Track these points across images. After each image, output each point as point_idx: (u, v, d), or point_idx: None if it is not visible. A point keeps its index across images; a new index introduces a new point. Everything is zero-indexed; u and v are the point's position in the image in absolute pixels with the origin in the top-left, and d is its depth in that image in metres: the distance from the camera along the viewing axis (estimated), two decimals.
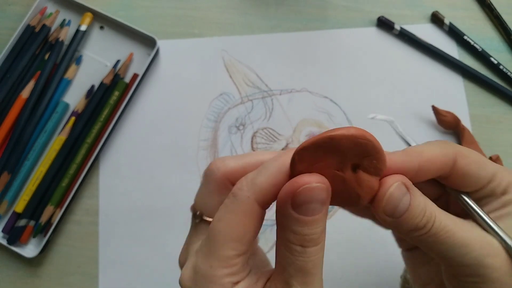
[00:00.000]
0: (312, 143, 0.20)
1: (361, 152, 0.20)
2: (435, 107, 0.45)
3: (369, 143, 0.20)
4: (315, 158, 0.20)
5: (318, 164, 0.20)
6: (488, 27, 0.49)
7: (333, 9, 0.49)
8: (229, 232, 0.21)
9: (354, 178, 0.20)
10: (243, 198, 0.21)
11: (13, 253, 0.43)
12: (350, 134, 0.20)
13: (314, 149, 0.20)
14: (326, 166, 0.20)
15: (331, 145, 0.20)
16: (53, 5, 0.48)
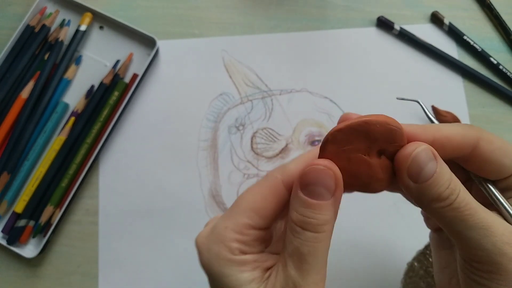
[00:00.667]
0: (347, 126, 0.21)
1: (389, 138, 0.21)
2: (435, 107, 0.45)
3: (398, 130, 0.21)
4: (346, 141, 0.21)
5: (348, 147, 0.21)
6: (488, 27, 0.49)
7: (333, 9, 0.49)
8: (250, 201, 0.23)
9: (378, 163, 0.21)
10: (272, 177, 0.23)
11: (12, 253, 0.43)
12: (383, 120, 0.21)
13: (348, 131, 0.21)
14: (354, 149, 0.21)
15: (365, 129, 0.21)
16: (53, 5, 0.48)
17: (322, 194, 0.21)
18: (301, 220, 0.21)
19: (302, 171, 0.21)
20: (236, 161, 0.45)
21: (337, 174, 0.21)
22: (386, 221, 0.44)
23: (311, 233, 0.21)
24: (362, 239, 0.43)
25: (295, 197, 0.21)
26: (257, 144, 0.46)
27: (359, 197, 0.44)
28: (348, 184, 0.22)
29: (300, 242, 0.21)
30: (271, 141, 0.46)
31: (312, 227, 0.21)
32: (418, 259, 0.39)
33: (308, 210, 0.21)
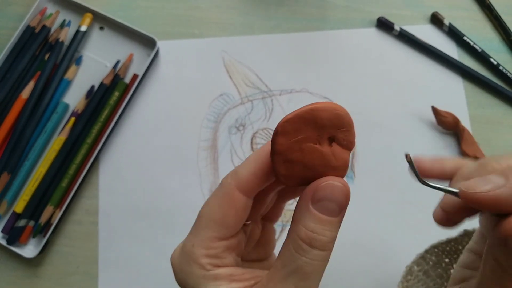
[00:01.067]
0: (295, 115, 0.21)
1: (337, 124, 0.21)
2: (435, 107, 0.45)
3: (345, 115, 0.21)
4: (296, 131, 0.21)
5: (299, 137, 0.21)
6: (488, 27, 0.49)
7: (333, 10, 0.49)
8: (210, 214, 0.23)
9: (330, 150, 0.21)
10: (226, 184, 0.23)
11: (12, 253, 0.43)
12: (330, 106, 0.21)
13: (297, 120, 0.21)
14: (305, 139, 0.21)
15: (312, 116, 0.21)
16: (53, 5, 0.48)
17: (334, 210, 0.21)
18: (310, 237, 0.20)
19: (316, 186, 0.21)
20: (236, 161, 0.45)
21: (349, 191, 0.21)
22: (386, 224, 0.44)
23: (318, 252, 0.20)
24: (361, 241, 0.43)
25: (305, 212, 0.21)
26: (257, 144, 0.46)
27: (359, 199, 0.44)
28: (304, 178, 0.21)
29: (305, 261, 0.20)
30: None
31: (321, 244, 0.20)
32: (418, 262, 0.39)
33: (318, 227, 0.20)
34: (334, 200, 0.21)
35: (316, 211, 0.21)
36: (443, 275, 0.39)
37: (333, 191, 0.21)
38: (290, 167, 0.21)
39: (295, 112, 0.21)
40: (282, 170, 0.21)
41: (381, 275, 0.42)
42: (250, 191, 0.23)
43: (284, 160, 0.21)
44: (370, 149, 0.45)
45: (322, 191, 0.21)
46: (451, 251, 0.39)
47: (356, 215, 0.44)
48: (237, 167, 0.23)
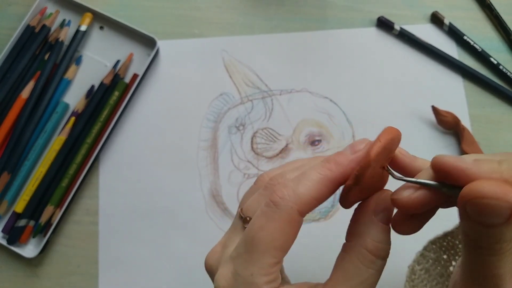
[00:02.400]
0: (384, 148, 0.21)
1: (395, 149, 0.22)
2: (435, 107, 0.45)
3: (400, 139, 0.22)
4: (378, 161, 0.21)
5: (378, 165, 0.21)
6: (488, 27, 0.49)
7: (333, 9, 0.49)
8: (271, 240, 0.22)
9: (385, 175, 0.22)
10: (287, 208, 0.21)
11: (13, 253, 0.43)
12: (398, 133, 0.22)
13: (383, 151, 0.21)
14: (379, 165, 0.22)
15: (391, 145, 0.22)
16: (53, 5, 0.48)
17: (389, 218, 0.22)
18: (378, 248, 0.21)
19: (377, 198, 0.22)
20: (236, 161, 0.45)
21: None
22: None
23: (382, 261, 0.21)
24: None
25: (370, 224, 0.22)
26: (257, 144, 0.46)
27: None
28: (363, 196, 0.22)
29: (372, 272, 0.21)
30: (271, 141, 0.46)
31: (385, 253, 0.21)
32: (418, 260, 0.39)
33: (384, 236, 0.21)
34: (390, 209, 0.22)
35: (380, 222, 0.22)
36: (443, 274, 0.39)
37: (389, 200, 0.22)
38: (360, 193, 0.22)
39: (381, 144, 0.21)
40: (353, 197, 0.22)
41: (384, 276, 0.42)
42: (307, 213, 0.22)
43: (361, 188, 0.21)
44: None
45: (383, 202, 0.22)
46: (449, 246, 0.39)
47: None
48: (298, 187, 0.22)
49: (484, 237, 0.18)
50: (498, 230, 0.17)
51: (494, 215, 0.17)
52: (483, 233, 0.18)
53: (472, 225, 0.18)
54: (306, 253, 0.43)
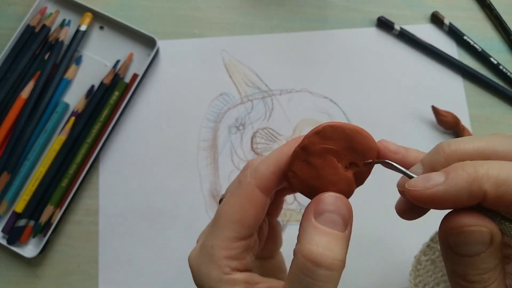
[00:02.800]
0: (340, 126, 0.21)
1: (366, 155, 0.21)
2: (435, 107, 0.45)
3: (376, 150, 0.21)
4: (331, 140, 0.21)
5: (330, 146, 0.21)
6: (488, 27, 0.49)
7: (333, 9, 0.49)
8: (230, 213, 0.22)
9: (344, 174, 0.21)
10: (246, 183, 0.22)
11: (13, 253, 0.43)
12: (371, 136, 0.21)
13: (338, 131, 0.21)
14: (333, 151, 0.21)
15: (352, 135, 0.21)
16: (53, 5, 0.48)
17: (339, 223, 0.20)
18: (315, 252, 0.19)
19: (317, 198, 0.20)
20: (236, 161, 0.45)
21: (351, 206, 0.21)
22: (387, 222, 0.44)
23: (324, 271, 0.19)
24: (362, 239, 0.43)
25: (308, 227, 0.20)
26: (257, 144, 0.46)
27: (360, 198, 0.44)
28: (310, 186, 0.21)
29: (310, 281, 0.19)
30: (271, 141, 0.46)
31: (327, 263, 0.19)
32: (425, 252, 0.39)
33: (323, 240, 0.19)
34: (337, 212, 0.20)
35: (319, 224, 0.20)
36: None
37: (336, 202, 0.20)
38: (304, 168, 0.21)
39: (342, 123, 0.21)
40: (297, 167, 0.21)
41: (391, 267, 0.42)
42: (270, 190, 0.22)
43: (304, 159, 0.21)
44: None
45: (324, 203, 0.20)
46: None
47: (357, 215, 0.44)
48: (257, 165, 0.22)
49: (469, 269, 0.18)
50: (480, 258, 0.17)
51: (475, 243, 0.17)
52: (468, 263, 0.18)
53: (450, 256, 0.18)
54: None
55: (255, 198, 0.22)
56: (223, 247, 0.22)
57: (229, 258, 0.22)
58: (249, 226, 0.22)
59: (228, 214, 0.22)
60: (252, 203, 0.22)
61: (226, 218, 0.22)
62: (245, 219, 0.22)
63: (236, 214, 0.22)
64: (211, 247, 0.22)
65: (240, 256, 0.22)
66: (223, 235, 0.22)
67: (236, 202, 0.22)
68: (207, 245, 0.23)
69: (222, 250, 0.22)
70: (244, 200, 0.22)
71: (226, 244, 0.22)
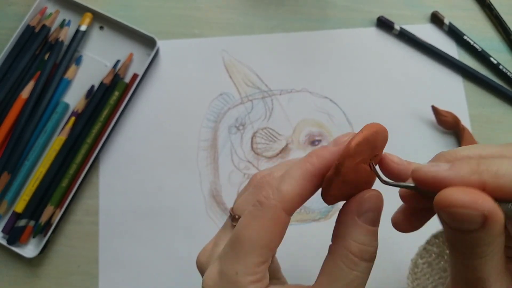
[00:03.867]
0: (364, 139, 0.20)
1: (382, 146, 0.22)
2: (435, 107, 0.45)
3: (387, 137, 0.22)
4: (359, 153, 0.21)
5: (360, 158, 0.21)
6: (488, 27, 0.49)
7: (333, 9, 0.49)
8: (256, 239, 0.21)
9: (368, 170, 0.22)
10: (271, 206, 0.21)
11: (13, 253, 0.43)
12: (383, 128, 0.21)
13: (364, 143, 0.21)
14: (362, 160, 0.21)
15: (375, 138, 0.21)
16: (53, 5, 0.48)
17: (376, 220, 0.21)
18: (362, 250, 0.21)
19: (360, 199, 0.21)
20: (236, 161, 0.45)
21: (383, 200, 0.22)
22: (387, 222, 0.44)
23: (366, 264, 0.21)
24: None
25: (353, 226, 0.21)
26: (257, 144, 0.46)
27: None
28: (347, 196, 0.22)
29: (356, 275, 0.21)
30: (271, 141, 0.46)
31: (370, 256, 0.21)
32: (421, 254, 0.39)
33: (367, 238, 0.21)
34: (376, 210, 0.21)
35: (363, 223, 0.21)
36: (446, 268, 0.39)
37: (376, 201, 0.21)
38: (342, 187, 0.21)
39: (363, 134, 0.20)
40: (335, 191, 0.21)
41: (384, 271, 0.42)
42: (293, 211, 0.22)
43: (342, 181, 0.21)
44: None
45: (367, 203, 0.21)
46: None
47: None
48: (280, 185, 0.22)
49: (463, 242, 0.18)
50: (475, 235, 0.17)
51: (467, 222, 0.17)
52: (462, 238, 0.18)
53: (451, 231, 0.18)
54: (306, 253, 0.43)
55: (281, 221, 0.22)
56: (249, 273, 0.21)
57: (255, 282, 0.22)
58: (274, 249, 0.22)
59: (253, 239, 0.21)
60: (278, 226, 0.22)
61: (251, 244, 0.21)
62: (272, 243, 0.22)
63: (263, 240, 0.21)
64: (235, 274, 0.21)
65: (264, 276, 0.22)
66: (249, 261, 0.21)
67: (262, 227, 0.21)
68: (230, 272, 0.22)
69: (248, 276, 0.21)
70: (270, 224, 0.21)
71: (252, 270, 0.21)
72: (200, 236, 0.44)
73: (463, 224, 0.17)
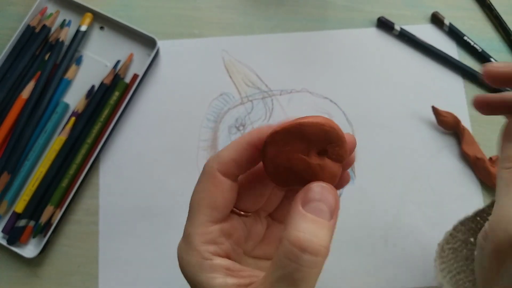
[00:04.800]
0: (283, 128, 0.22)
1: (324, 139, 0.22)
2: (435, 107, 0.45)
3: (333, 131, 0.22)
4: (285, 142, 0.22)
5: (288, 147, 0.22)
6: (488, 27, 0.49)
7: (333, 9, 0.49)
8: (199, 199, 0.24)
9: (318, 163, 0.22)
10: (208, 168, 0.24)
11: (13, 253, 0.43)
12: (316, 121, 0.22)
13: (284, 133, 0.22)
14: (294, 150, 0.22)
15: (300, 130, 0.22)
16: (53, 5, 0.48)
17: (325, 212, 0.20)
18: (301, 239, 0.19)
19: (305, 188, 0.21)
20: None
21: (338, 196, 0.22)
22: (387, 223, 0.44)
23: (309, 257, 0.19)
24: (362, 241, 0.43)
25: (296, 214, 0.20)
26: None
27: (360, 199, 0.44)
28: (289, 179, 0.22)
29: (295, 267, 0.19)
30: None
31: (312, 248, 0.19)
32: (447, 240, 0.38)
33: (309, 227, 0.20)
34: (324, 201, 0.21)
35: (306, 212, 0.20)
36: (469, 257, 0.39)
37: (323, 191, 0.21)
38: (278, 169, 0.22)
39: (283, 125, 0.22)
40: (271, 169, 0.23)
41: (384, 275, 0.42)
42: (232, 174, 0.24)
43: (273, 164, 0.22)
44: (370, 149, 0.45)
45: (312, 192, 0.21)
46: (477, 228, 0.38)
47: (357, 216, 0.44)
48: (219, 151, 0.24)
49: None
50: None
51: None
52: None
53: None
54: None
55: (219, 181, 0.23)
56: (199, 233, 0.23)
57: (206, 242, 0.23)
58: (218, 208, 0.23)
59: (197, 199, 0.24)
60: (216, 185, 0.23)
61: (196, 204, 0.24)
62: (213, 202, 0.23)
63: (204, 199, 0.23)
64: (188, 234, 0.23)
65: (217, 240, 0.23)
66: (197, 221, 0.23)
67: (202, 188, 0.24)
68: (186, 234, 0.24)
69: (198, 236, 0.23)
70: (208, 184, 0.23)
71: (201, 229, 0.23)
72: None
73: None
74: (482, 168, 0.44)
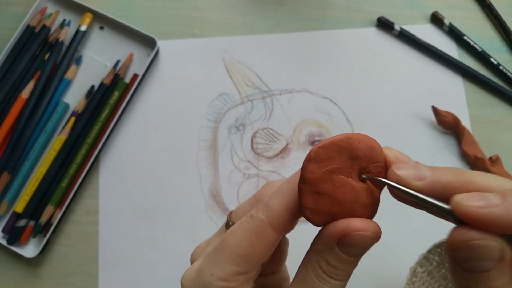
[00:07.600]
0: (330, 142, 0.20)
1: (370, 157, 0.20)
2: (435, 107, 0.45)
3: (379, 148, 0.20)
4: (329, 159, 0.20)
5: (330, 166, 0.20)
6: (488, 27, 0.49)
7: (333, 9, 0.49)
8: (237, 247, 0.21)
9: (361, 186, 0.20)
10: (258, 220, 0.21)
11: (13, 253, 0.43)
12: (365, 137, 0.20)
13: (332, 148, 0.20)
14: (338, 170, 0.20)
15: (348, 145, 0.20)
16: (53, 5, 0.48)
17: (359, 254, 0.21)
18: (331, 272, 0.21)
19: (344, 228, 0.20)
20: (237, 161, 0.45)
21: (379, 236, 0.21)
22: (387, 225, 0.44)
23: (339, 282, 0.21)
24: None
25: (329, 249, 0.20)
26: (257, 144, 0.46)
27: None
28: (332, 214, 0.20)
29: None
30: (271, 141, 0.46)
31: (341, 278, 0.21)
32: (421, 263, 0.39)
33: (340, 265, 0.21)
34: (361, 247, 0.20)
35: (340, 252, 0.20)
36: (447, 276, 0.39)
37: (362, 241, 0.20)
38: (318, 199, 0.20)
39: (330, 138, 0.20)
40: (309, 202, 0.20)
41: (383, 278, 0.42)
42: (283, 228, 0.21)
43: (313, 191, 0.20)
44: None
45: (350, 239, 0.20)
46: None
47: None
48: (269, 200, 0.21)
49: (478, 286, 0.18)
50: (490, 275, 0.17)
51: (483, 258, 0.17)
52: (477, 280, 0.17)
53: (464, 275, 0.18)
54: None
55: (266, 235, 0.21)
56: (223, 279, 0.21)
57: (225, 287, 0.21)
58: (254, 263, 0.22)
59: (234, 247, 0.21)
60: (262, 240, 0.21)
61: (231, 251, 0.21)
62: (252, 256, 0.21)
63: (243, 250, 0.21)
64: (210, 275, 0.21)
65: (236, 286, 0.22)
66: (226, 268, 0.21)
67: (244, 236, 0.21)
68: (206, 272, 0.22)
69: (221, 282, 0.21)
70: (254, 236, 0.21)
71: (227, 277, 0.21)
72: (200, 236, 0.43)
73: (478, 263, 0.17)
74: (482, 167, 0.44)
